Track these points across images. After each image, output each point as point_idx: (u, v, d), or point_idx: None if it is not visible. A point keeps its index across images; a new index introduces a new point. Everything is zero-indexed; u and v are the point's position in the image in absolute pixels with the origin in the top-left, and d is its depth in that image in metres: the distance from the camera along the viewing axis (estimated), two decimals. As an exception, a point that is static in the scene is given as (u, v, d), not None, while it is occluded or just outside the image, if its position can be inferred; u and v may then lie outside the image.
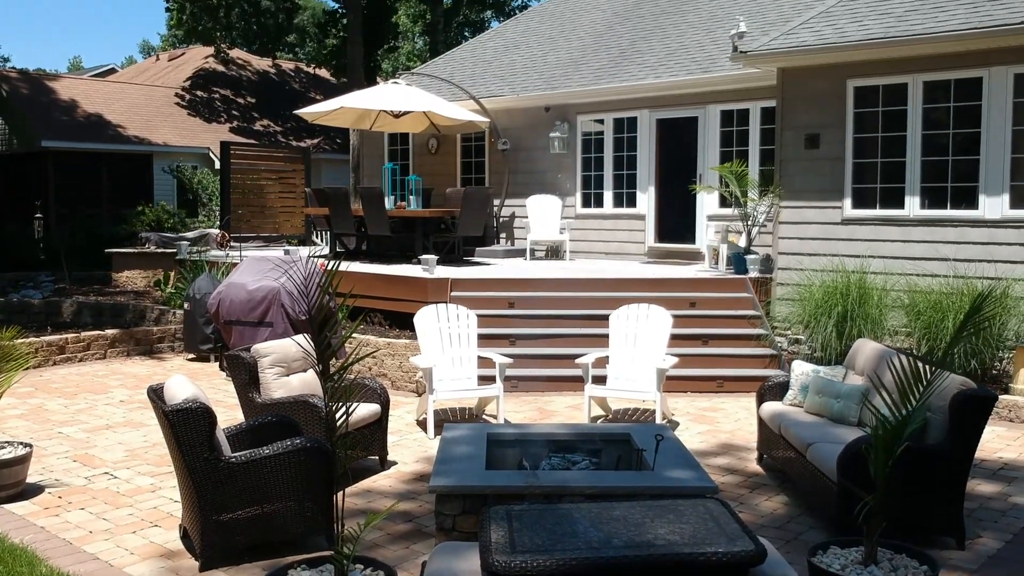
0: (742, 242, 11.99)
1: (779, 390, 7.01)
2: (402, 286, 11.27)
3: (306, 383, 6.78)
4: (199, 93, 29.80)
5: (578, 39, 16.94)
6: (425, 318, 8.28)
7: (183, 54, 35.23)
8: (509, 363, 8.11)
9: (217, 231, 17.10)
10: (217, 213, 21.73)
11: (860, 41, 10.24)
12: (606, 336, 8.58)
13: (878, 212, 10.50)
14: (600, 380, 8.25)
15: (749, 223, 11.57)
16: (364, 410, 6.59)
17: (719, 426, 8.23)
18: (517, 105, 15.63)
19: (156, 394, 5.25)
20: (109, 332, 11.63)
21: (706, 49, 13.88)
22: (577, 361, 8.04)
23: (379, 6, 30.54)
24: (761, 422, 6.95)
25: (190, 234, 17.17)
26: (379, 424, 6.77)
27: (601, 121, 14.70)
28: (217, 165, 23.03)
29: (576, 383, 9.32)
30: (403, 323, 10.89)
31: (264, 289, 9.91)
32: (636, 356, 8.14)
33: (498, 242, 15.91)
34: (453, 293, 10.76)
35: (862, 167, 10.63)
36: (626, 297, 10.64)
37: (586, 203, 15.00)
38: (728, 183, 11.53)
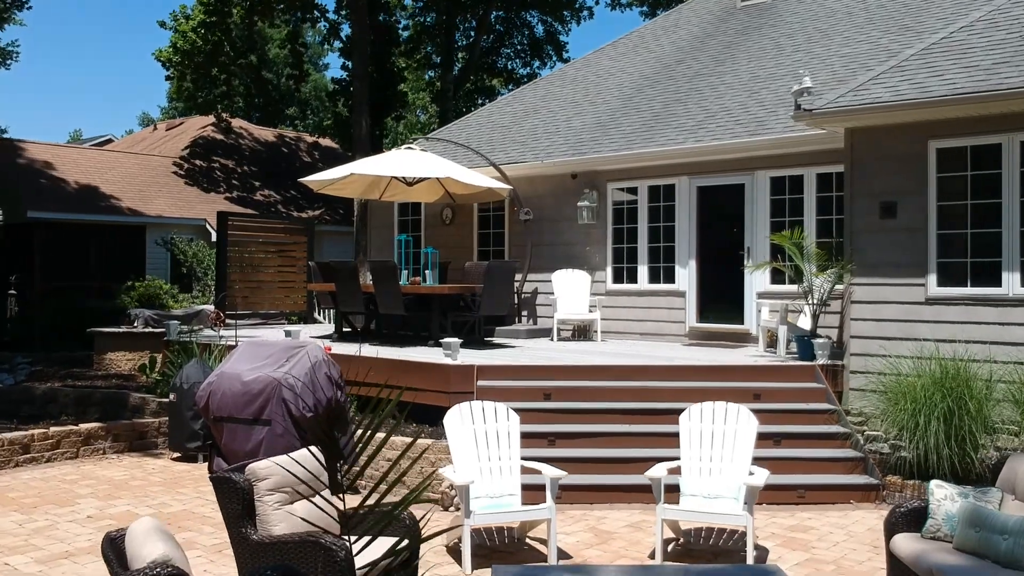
0: (805, 323, 10.61)
1: (914, 518, 5.54)
2: (421, 374, 9.81)
3: (315, 512, 5.29)
4: (198, 162, 28.62)
5: (604, 103, 15.76)
6: (458, 420, 6.83)
7: (181, 123, 34.24)
8: (562, 477, 6.62)
9: (211, 308, 15.69)
10: (213, 289, 20.34)
11: (945, 96, 8.98)
12: (663, 435, 7.25)
13: (970, 291, 9.13)
14: (667, 490, 6.76)
15: (815, 301, 10.18)
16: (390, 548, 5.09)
17: (817, 553, 6.73)
18: (540, 172, 14.39)
19: (113, 549, 3.79)
20: (83, 427, 10.11)
21: (751, 111, 12.68)
22: (648, 475, 6.53)
23: (387, 75, 29.68)
24: (893, 559, 5.46)
25: (180, 312, 15.76)
26: (407, 566, 5.27)
27: (634, 189, 13.44)
28: (214, 238, 21.72)
29: (634, 493, 7.93)
30: (421, 416, 9.44)
31: (262, 381, 8.42)
32: (716, 468, 6.68)
33: (520, 320, 14.50)
34: (479, 383, 9.34)
35: (948, 239, 9.30)
36: (680, 388, 9.25)
37: (618, 278, 13.64)
38: (791, 256, 10.17)
